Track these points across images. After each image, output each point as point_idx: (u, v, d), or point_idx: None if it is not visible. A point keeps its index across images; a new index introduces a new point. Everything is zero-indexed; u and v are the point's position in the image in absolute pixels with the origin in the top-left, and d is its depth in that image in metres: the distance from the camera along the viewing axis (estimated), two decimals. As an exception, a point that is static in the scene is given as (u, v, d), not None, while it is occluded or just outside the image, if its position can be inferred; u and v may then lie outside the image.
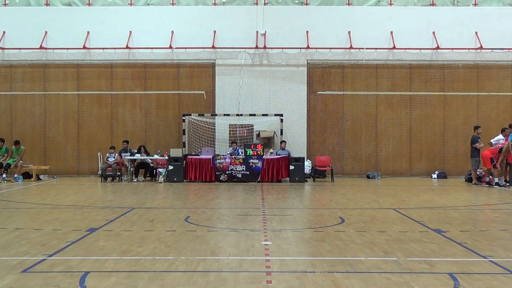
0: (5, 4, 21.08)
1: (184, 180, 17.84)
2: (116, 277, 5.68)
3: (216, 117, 20.05)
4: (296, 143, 19.96)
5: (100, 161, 19.59)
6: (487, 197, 13.82)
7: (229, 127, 20.15)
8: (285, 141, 19.03)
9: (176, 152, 18.03)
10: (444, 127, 20.40)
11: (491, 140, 16.92)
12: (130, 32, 20.27)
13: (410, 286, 5.37)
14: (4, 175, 18.29)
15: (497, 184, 15.85)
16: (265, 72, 20.30)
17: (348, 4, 20.88)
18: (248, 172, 17.72)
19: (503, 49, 20.07)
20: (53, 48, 20.25)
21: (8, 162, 18.43)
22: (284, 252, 6.96)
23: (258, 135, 19.64)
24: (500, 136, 16.73)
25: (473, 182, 17.09)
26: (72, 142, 20.54)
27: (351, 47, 20.10)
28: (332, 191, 15.56)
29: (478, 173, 17.26)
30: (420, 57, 20.22)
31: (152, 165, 18.91)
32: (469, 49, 20.17)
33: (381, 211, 11.07)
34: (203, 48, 20.10)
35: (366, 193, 14.63)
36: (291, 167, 17.70)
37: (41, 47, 20.14)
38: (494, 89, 20.17)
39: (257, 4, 20.47)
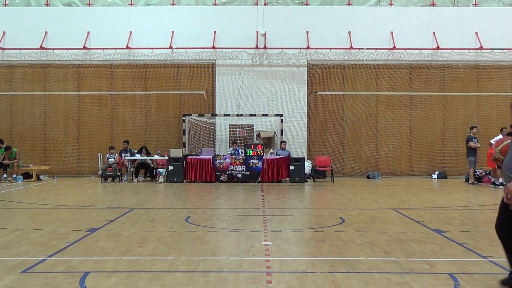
0: (5, 4, 21.09)
1: (184, 180, 17.84)
2: (117, 277, 5.68)
3: (216, 117, 20.05)
4: (296, 143, 19.96)
5: (100, 161, 19.60)
6: (487, 197, 13.82)
7: (229, 127, 20.15)
8: (285, 142, 19.03)
9: (176, 152, 18.04)
10: (444, 127, 20.41)
11: (491, 141, 16.92)
12: (130, 32, 20.28)
13: (410, 286, 5.37)
14: (4, 175, 18.31)
15: (501, 184, 15.85)
16: (265, 72, 20.31)
17: (348, 4, 20.89)
18: (248, 172, 17.72)
19: (503, 49, 20.06)
20: (53, 48, 20.26)
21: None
22: (284, 252, 6.96)
23: (258, 135, 19.63)
24: (500, 136, 16.73)
25: (469, 182, 17.09)
26: (72, 143, 20.55)
27: (351, 47, 20.10)
28: (332, 191, 15.56)
29: (478, 173, 17.25)
30: (420, 57, 20.23)
31: (152, 165, 18.92)
32: (469, 49, 20.17)
33: (381, 211, 11.08)
34: (203, 48, 20.10)
35: (366, 193, 14.63)
36: (291, 167, 17.71)
37: (41, 47, 20.15)
38: (494, 89, 20.18)
39: (257, 4, 20.48)
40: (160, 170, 18.09)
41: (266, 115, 19.81)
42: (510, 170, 5.21)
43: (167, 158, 18.10)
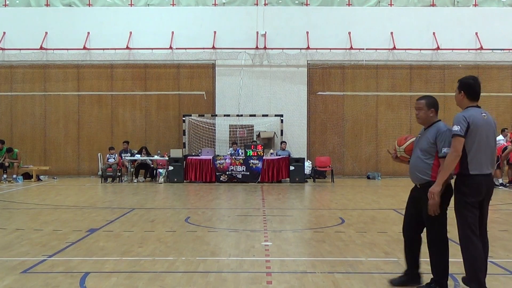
0: (5, 5, 21.10)
1: (184, 181, 17.84)
2: (117, 278, 5.68)
3: (216, 117, 20.05)
4: (296, 144, 19.96)
5: (101, 162, 19.59)
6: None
7: (229, 128, 20.16)
8: (285, 142, 19.02)
9: (176, 153, 18.03)
10: (444, 128, 20.36)
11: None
12: (130, 32, 20.28)
13: (410, 286, 5.37)
14: (4, 175, 18.31)
15: (501, 184, 15.82)
16: (265, 73, 20.31)
17: (348, 4, 20.89)
18: (248, 173, 17.72)
19: (503, 49, 20.07)
20: (53, 49, 20.27)
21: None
22: (284, 253, 6.96)
23: (258, 135, 19.64)
24: (501, 137, 16.70)
25: None
26: (72, 143, 20.55)
27: (351, 48, 20.11)
28: (332, 191, 15.56)
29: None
30: (420, 57, 20.23)
31: (152, 165, 18.92)
32: (469, 49, 20.18)
33: (381, 211, 11.07)
34: (203, 48, 20.11)
35: (366, 194, 14.63)
36: (291, 168, 17.71)
37: (41, 48, 20.15)
38: (494, 89, 20.13)
39: (257, 4, 20.48)
40: (160, 170, 18.09)
41: (266, 115, 19.81)
42: (418, 170, 5.19)
43: (167, 158, 18.10)
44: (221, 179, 17.72)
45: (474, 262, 4.82)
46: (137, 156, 18.50)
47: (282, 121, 19.59)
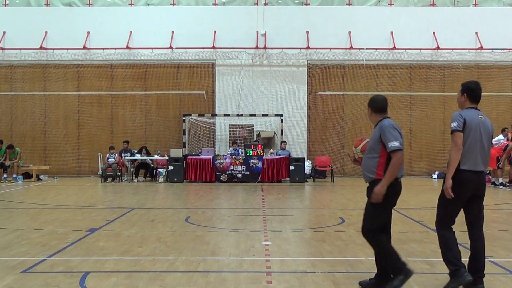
0: (5, 4, 21.10)
1: (184, 181, 17.84)
2: (116, 278, 5.68)
3: (216, 117, 20.05)
4: (296, 144, 19.96)
5: (100, 162, 19.60)
6: (486, 197, 13.77)
7: (229, 127, 20.16)
8: (285, 142, 19.03)
9: (176, 152, 18.03)
10: (445, 127, 20.40)
11: (492, 141, 16.86)
12: (130, 32, 20.28)
13: (410, 286, 5.37)
14: (5, 175, 18.31)
15: (502, 184, 15.82)
16: (265, 72, 20.31)
17: (348, 4, 20.89)
18: (248, 172, 17.72)
19: (503, 49, 20.07)
20: (53, 48, 20.27)
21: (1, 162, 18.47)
22: (284, 253, 6.96)
23: (258, 135, 19.64)
24: (501, 136, 16.71)
25: None
26: (72, 143, 20.55)
27: (351, 47, 20.11)
28: (332, 191, 15.56)
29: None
30: (420, 57, 20.23)
31: (152, 165, 18.92)
32: (469, 49, 20.17)
33: (381, 211, 11.05)
34: (203, 48, 20.10)
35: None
36: (291, 167, 17.70)
37: (41, 47, 20.15)
38: (494, 89, 20.14)
39: (257, 4, 20.48)
40: (160, 170, 18.10)
41: (266, 115, 19.81)
42: (366, 168, 5.22)
43: (167, 158, 18.10)
44: (221, 178, 17.73)
45: (443, 247, 5.17)
46: (137, 156, 18.50)
47: (282, 120, 19.59)
